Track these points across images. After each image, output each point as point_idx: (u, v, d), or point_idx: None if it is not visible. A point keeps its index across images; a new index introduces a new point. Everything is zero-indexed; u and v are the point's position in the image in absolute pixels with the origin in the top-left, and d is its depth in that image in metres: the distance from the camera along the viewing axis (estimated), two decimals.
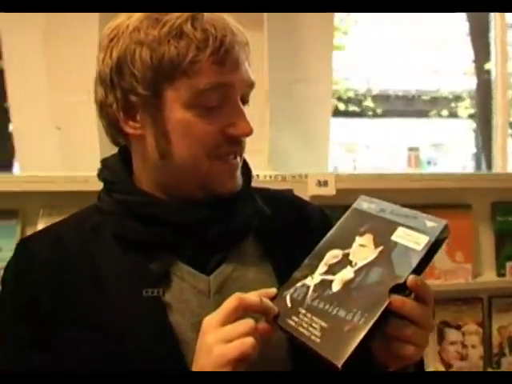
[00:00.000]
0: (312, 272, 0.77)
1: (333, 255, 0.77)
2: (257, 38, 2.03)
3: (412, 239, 0.73)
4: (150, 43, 0.77)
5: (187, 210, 0.83)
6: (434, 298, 0.74)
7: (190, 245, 0.83)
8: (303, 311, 0.73)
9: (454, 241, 1.92)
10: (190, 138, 0.80)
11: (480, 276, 1.98)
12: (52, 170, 2.09)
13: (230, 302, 0.72)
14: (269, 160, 2.09)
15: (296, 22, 2.13)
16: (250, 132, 0.82)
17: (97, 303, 0.79)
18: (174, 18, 0.77)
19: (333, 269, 0.76)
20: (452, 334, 1.98)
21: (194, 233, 0.83)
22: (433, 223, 0.73)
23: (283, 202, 1.00)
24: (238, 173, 0.86)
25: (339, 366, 0.67)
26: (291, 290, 0.76)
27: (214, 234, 0.83)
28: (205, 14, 0.79)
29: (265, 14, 2.00)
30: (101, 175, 0.89)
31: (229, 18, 0.82)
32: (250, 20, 2.03)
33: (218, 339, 0.70)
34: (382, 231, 0.75)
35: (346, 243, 0.77)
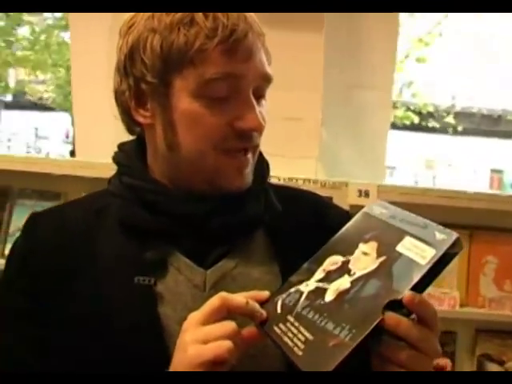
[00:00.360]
0: (308, 278, 0.73)
1: (332, 261, 0.73)
2: (315, 40, 1.99)
3: (418, 251, 0.66)
4: (161, 31, 0.76)
5: (192, 201, 0.81)
6: (437, 320, 0.67)
7: (190, 236, 0.81)
8: (291, 319, 0.69)
9: (504, 268, 1.80)
10: (195, 129, 0.78)
11: None
12: (106, 159, 2.14)
13: (213, 302, 0.69)
14: (321, 166, 2.04)
15: (358, 24, 2.08)
16: (258, 126, 0.78)
17: (90, 286, 0.79)
18: None
19: (330, 276, 0.71)
20: (493, 369, 1.85)
21: (196, 224, 0.81)
22: (443, 235, 0.66)
23: (302, 202, 0.94)
24: (248, 170, 0.82)
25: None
26: (284, 295, 0.72)
27: (216, 226, 0.81)
28: None
29: (324, 14, 1.95)
30: (116, 158, 0.89)
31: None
32: (310, 21, 2.02)
33: (195, 339, 0.67)
34: (388, 240, 0.70)
35: (348, 249, 0.73)
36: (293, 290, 0.72)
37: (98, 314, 0.77)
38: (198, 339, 0.67)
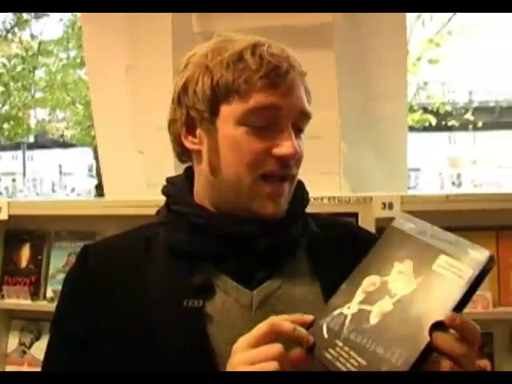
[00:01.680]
0: (349, 299, 0.73)
1: (371, 282, 0.73)
2: (325, 58, 2.03)
3: (455, 271, 0.67)
4: (213, 67, 0.84)
5: (236, 223, 0.85)
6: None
7: (235, 258, 0.85)
8: (340, 344, 0.70)
9: None
10: (236, 154, 0.83)
11: None
12: (136, 194, 2.21)
13: (262, 327, 0.71)
14: (345, 181, 2.07)
15: (367, 38, 2.11)
16: (294, 153, 0.82)
17: (141, 311, 0.83)
18: (238, 45, 0.84)
19: (371, 297, 0.71)
20: None
21: (241, 246, 0.84)
22: (477, 254, 0.66)
23: (337, 226, 1.01)
24: (283, 199, 0.86)
25: None
26: (328, 319, 0.73)
27: (262, 248, 0.84)
28: (267, 43, 0.84)
29: (334, 33, 1.99)
30: (164, 190, 0.94)
31: (289, 50, 0.86)
32: (318, 39, 2.06)
33: (243, 361, 0.70)
34: (423, 258, 0.70)
35: (384, 269, 0.73)
36: (336, 312, 0.73)
37: (149, 337, 0.81)
38: (246, 361, 0.70)
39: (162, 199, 1.75)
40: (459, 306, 0.65)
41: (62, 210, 1.88)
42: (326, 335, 0.71)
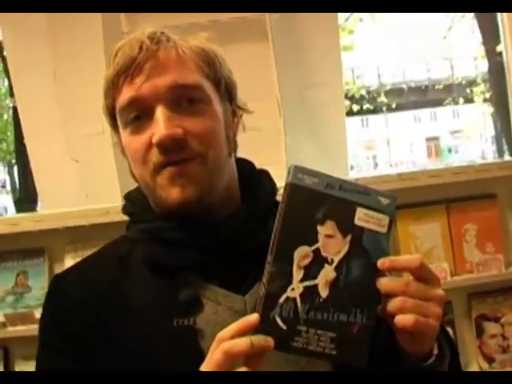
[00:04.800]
0: (288, 281, 0.69)
1: (302, 254, 0.69)
2: (263, 50, 2.03)
3: (375, 221, 0.70)
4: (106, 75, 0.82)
5: (210, 229, 0.81)
6: (443, 286, 0.71)
7: (219, 265, 0.81)
8: (304, 328, 0.68)
9: (483, 232, 1.88)
10: (131, 157, 0.82)
11: None
12: (73, 204, 2.12)
13: (215, 358, 0.66)
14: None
15: (300, 28, 2.13)
16: (165, 135, 0.76)
17: (128, 335, 0.79)
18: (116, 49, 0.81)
19: (310, 271, 0.69)
20: (491, 327, 1.92)
21: (222, 251, 0.81)
22: (387, 199, 0.71)
23: None
24: (183, 181, 0.79)
25: (364, 365, 0.68)
26: (277, 310, 0.68)
27: (247, 248, 0.81)
28: (136, 37, 0.80)
29: (268, 26, 1.99)
30: (125, 209, 0.90)
31: (171, 34, 0.82)
32: (254, 33, 2.06)
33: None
34: (342, 215, 0.70)
35: (308, 235, 0.69)
36: (281, 300, 0.68)
37: (142, 360, 0.77)
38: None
39: (107, 207, 1.72)
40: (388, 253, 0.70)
41: (3, 229, 1.77)
42: (283, 326, 0.68)
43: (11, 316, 1.75)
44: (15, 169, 11.31)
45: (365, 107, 10.28)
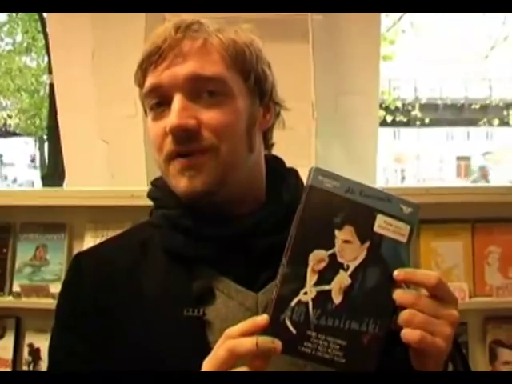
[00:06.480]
0: (302, 284, 0.68)
1: (317, 258, 0.68)
2: (302, 51, 2.02)
3: (395, 230, 0.68)
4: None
5: (230, 222, 0.81)
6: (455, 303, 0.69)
7: (236, 259, 0.80)
8: (313, 334, 0.67)
9: (507, 256, 1.84)
10: (151, 143, 0.81)
11: None
12: (98, 184, 2.14)
13: (219, 353, 0.65)
14: None
15: (342, 33, 2.12)
16: (176, 124, 0.76)
17: (139, 321, 0.79)
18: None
19: (324, 276, 0.67)
20: (505, 354, 1.88)
21: (240, 246, 0.80)
22: (409, 208, 0.69)
23: None
24: (193, 172, 0.78)
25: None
26: (288, 313, 0.67)
27: (264, 247, 0.80)
28: (173, 24, 0.80)
29: (310, 28, 1.98)
30: (150, 194, 0.90)
31: (205, 21, 0.81)
32: (295, 33, 2.05)
33: None
34: (361, 221, 0.68)
35: (325, 239, 0.68)
36: (293, 303, 0.67)
37: (149, 348, 0.77)
38: None
39: (131, 190, 1.72)
40: (407, 263, 0.68)
41: (28, 201, 1.79)
42: (293, 330, 0.67)
43: (26, 287, 1.77)
44: (46, 145, 11.48)
45: (398, 119, 10.20)
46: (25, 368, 1.82)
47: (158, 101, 0.79)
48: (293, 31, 2.02)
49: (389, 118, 9.51)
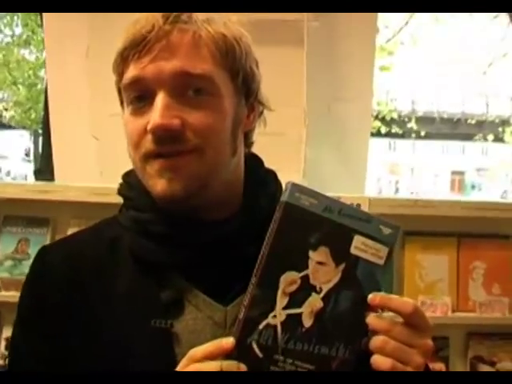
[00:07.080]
0: (271, 307, 0.65)
1: (289, 280, 0.65)
2: (296, 56, 2.01)
3: (372, 252, 0.66)
4: None
5: (204, 228, 0.77)
6: (429, 325, 0.68)
7: (208, 268, 0.77)
8: (281, 358, 0.64)
9: (491, 272, 1.84)
10: (127, 138, 0.77)
11: None
12: (86, 180, 2.12)
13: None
14: (304, 180, 2.05)
15: (337, 39, 2.11)
16: (158, 124, 0.71)
17: (105, 325, 0.76)
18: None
19: (295, 298, 0.65)
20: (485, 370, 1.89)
21: (213, 255, 0.77)
22: (389, 229, 0.67)
23: None
24: (172, 174, 0.74)
25: None
26: (255, 336, 0.64)
27: (237, 256, 0.75)
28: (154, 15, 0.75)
29: (305, 32, 1.98)
30: (120, 190, 0.86)
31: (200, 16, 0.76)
32: (290, 37, 2.04)
33: None
34: (337, 241, 0.66)
35: (298, 260, 0.65)
36: (261, 326, 0.64)
37: (115, 353, 0.75)
38: None
39: (115, 187, 1.70)
40: (385, 286, 0.67)
41: (12, 194, 1.77)
42: (260, 354, 0.64)
43: (7, 280, 1.75)
44: (40, 139, 11.44)
45: (393, 130, 10.21)
46: (1, 362, 1.80)
47: (138, 94, 0.74)
48: (287, 35, 2.01)
49: (384, 129, 9.55)
